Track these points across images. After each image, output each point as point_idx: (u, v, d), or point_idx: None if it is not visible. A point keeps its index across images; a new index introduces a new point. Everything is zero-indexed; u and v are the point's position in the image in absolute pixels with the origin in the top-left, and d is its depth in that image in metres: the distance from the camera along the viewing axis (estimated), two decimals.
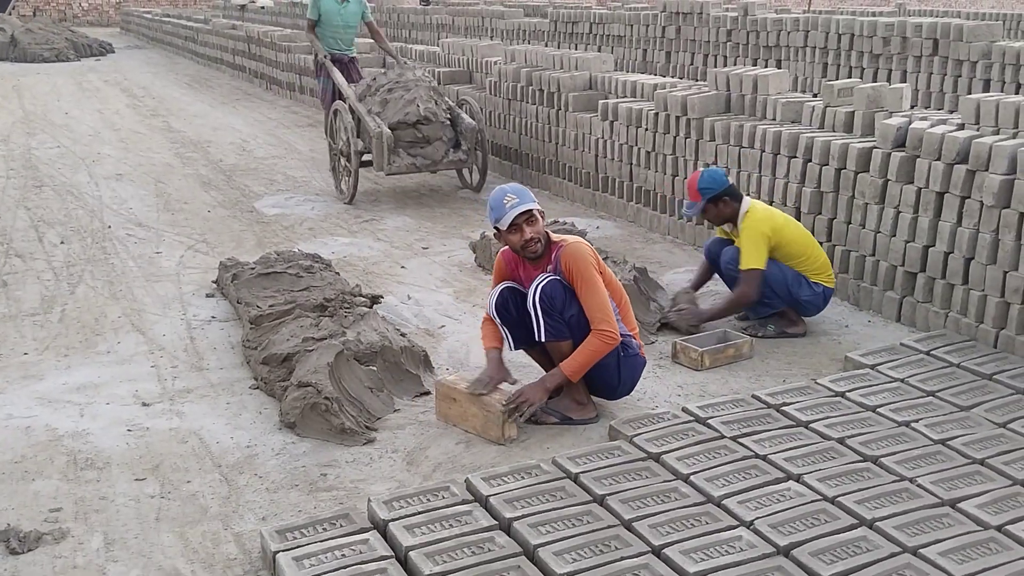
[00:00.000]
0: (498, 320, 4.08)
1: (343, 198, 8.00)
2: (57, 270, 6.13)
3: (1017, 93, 8.44)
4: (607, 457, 3.55)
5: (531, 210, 3.88)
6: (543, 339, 3.95)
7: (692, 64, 12.10)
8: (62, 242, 6.75)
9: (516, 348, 4.15)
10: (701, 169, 5.17)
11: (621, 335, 4.01)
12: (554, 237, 4.02)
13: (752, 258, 4.79)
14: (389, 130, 7.53)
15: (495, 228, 3.98)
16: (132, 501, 3.47)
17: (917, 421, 3.80)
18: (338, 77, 8.44)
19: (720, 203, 4.90)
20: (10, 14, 26.64)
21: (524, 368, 4.37)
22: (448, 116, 7.85)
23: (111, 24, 31.20)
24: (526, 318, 3.97)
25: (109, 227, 7.16)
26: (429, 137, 7.71)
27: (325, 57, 8.65)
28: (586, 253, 3.94)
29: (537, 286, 3.91)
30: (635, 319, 4.25)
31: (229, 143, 10.83)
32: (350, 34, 9.04)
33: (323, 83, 8.85)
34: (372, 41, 10.11)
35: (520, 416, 3.90)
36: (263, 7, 24.71)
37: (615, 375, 4.05)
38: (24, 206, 7.77)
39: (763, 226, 4.82)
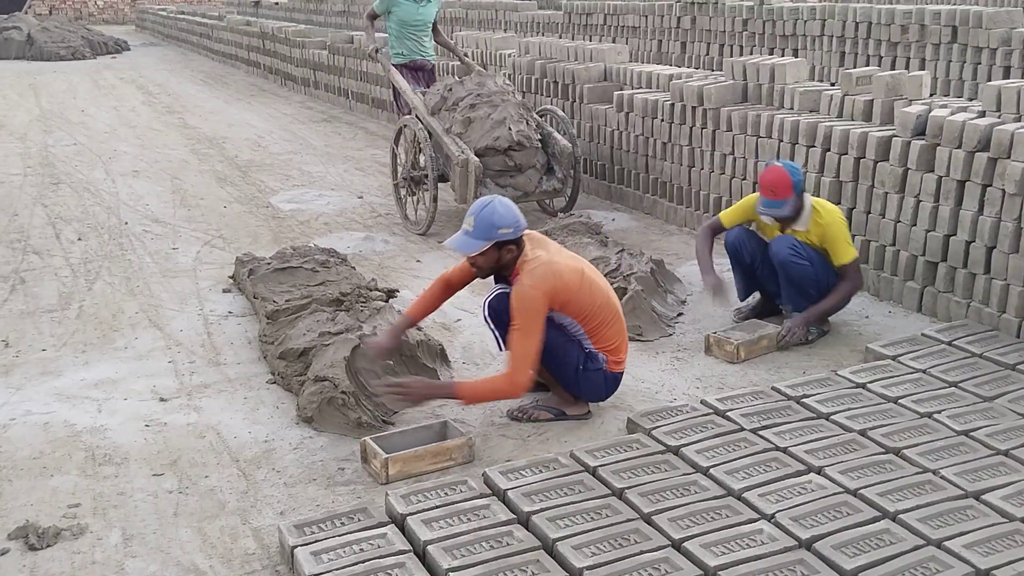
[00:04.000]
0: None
1: (415, 228, 6.85)
2: (74, 266, 6.15)
3: None
4: (626, 450, 3.53)
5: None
6: (503, 349, 3.93)
7: (708, 54, 12.02)
8: (79, 239, 6.78)
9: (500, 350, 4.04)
10: (776, 163, 4.72)
11: (588, 349, 3.93)
12: (523, 263, 3.79)
13: (849, 250, 4.68)
14: (477, 158, 6.46)
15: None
16: (150, 496, 3.47)
17: (940, 412, 3.75)
18: (402, 83, 7.37)
19: (803, 196, 4.70)
20: (26, 13, 26.81)
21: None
22: (539, 137, 6.77)
23: (126, 22, 31.35)
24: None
25: (126, 223, 7.18)
26: (521, 165, 6.59)
27: (375, 51, 7.64)
28: (532, 300, 3.68)
29: (486, 301, 3.91)
30: (624, 333, 4.04)
31: (244, 139, 10.84)
32: (425, 36, 7.83)
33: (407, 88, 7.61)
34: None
35: (391, 400, 3.87)
36: (277, 3, 24.80)
37: (573, 384, 3.98)
38: (41, 203, 7.80)
39: (842, 218, 4.73)
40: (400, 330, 4.16)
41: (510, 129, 6.54)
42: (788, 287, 4.78)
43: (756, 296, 5.10)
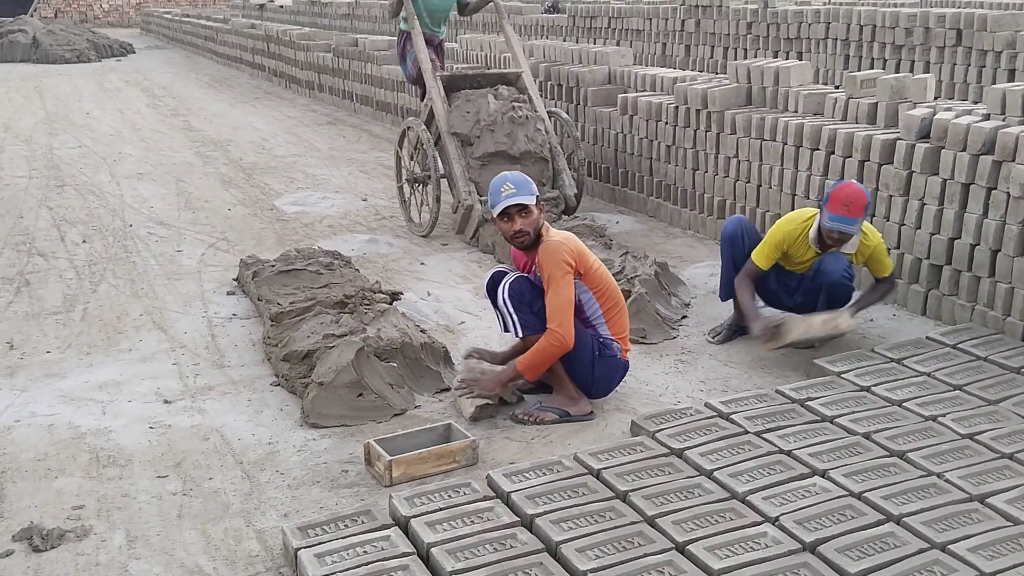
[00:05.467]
0: (489, 300, 4.14)
1: (418, 230, 6.87)
2: (79, 269, 6.16)
3: None
4: (629, 453, 3.52)
5: (524, 204, 3.90)
6: (520, 335, 3.99)
7: (712, 57, 12.02)
8: (84, 241, 6.79)
9: (505, 331, 4.12)
10: (850, 182, 4.52)
11: (602, 337, 4.02)
12: (546, 231, 3.99)
13: (890, 262, 4.74)
14: (481, 206, 6.37)
15: (491, 214, 4.02)
16: (154, 498, 3.47)
17: (944, 415, 3.75)
18: (422, 50, 7.03)
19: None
20: (32, 16, 26.89)
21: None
22: (555, 188, 6.74)
23: (131, 25, 31.43)
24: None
25: (130, 226, 7.19)
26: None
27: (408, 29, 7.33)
28: (560, 252, 3.87)
29: (506, 283, 3.94)
30: (627, 323, 4.16)
31: (249, 141, 10.86)
32: (444, 15, 7.90)
33: (411, 56, 7.48)
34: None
35: (473, 395, 3.99)
36: (282, 6, 24.84)
37: (588, 373, 4.02)
38: (46, 206, 7.82)
39: (882, 240, 4.73)
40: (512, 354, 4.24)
41: None
42: (825, 304, 4.65)
43: (731, 315, 4.96)
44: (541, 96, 8.43)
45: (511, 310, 3.93)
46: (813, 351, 4.67)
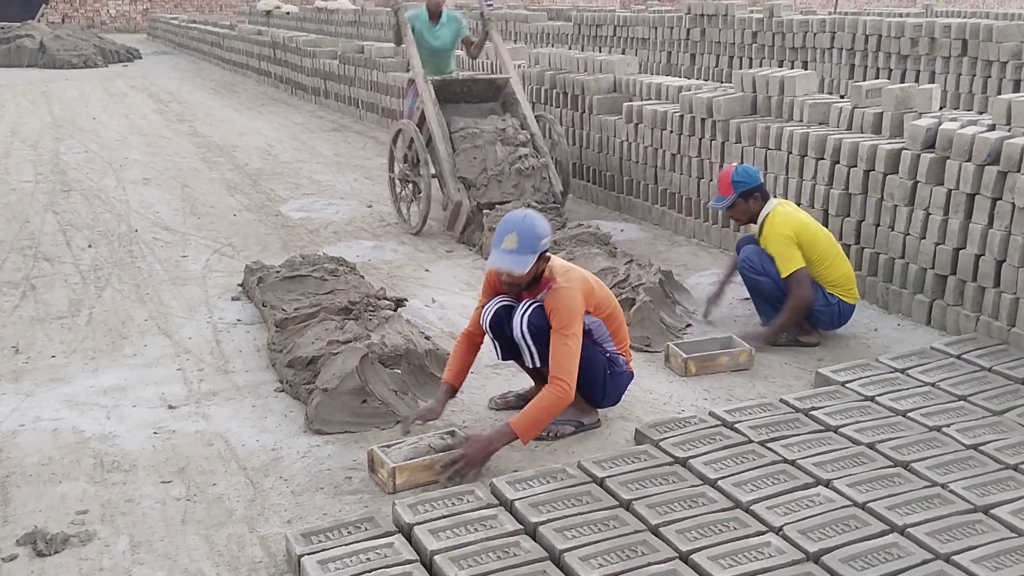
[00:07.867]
0: (490, 335, 3.98)
1: (410, 229, 7.17)
2: (84, 274, 6.18)
3: None
4: (633, 461, 3.52)
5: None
6: (536, 365, 3.90)
7: (717, 66, 12.04)
8: (89, 246, 6.80)
9: (504, 359, 4.06)
10: (735, 164, 5.08)
11: (609, 352, 3.97)
12: (551, 272, 3.83)
13: (789, 261, 4.74)
14: (470, 203, 6.71)
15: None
16: (158, 504, 3.47)
17: (948, 426, 3.74)
18: (417, 65, 7.32)
19: (750, 199, 4.92)
20: (39, 21, 26.99)
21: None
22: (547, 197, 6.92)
23: (138, 30, 31.53)
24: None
25: (136, 231, 7.21)
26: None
27: (396, 8, 7.59)
28: (574, 303, 3.73)
29: (523, 315, 3.83)
30: (627, 331, 4.11)
31: (255, 147, 10.88)
32: (445, 58, 8.08)
33: (410, 103, 7.77)
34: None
35: (457, 478, 3.54)
36: (288, 13, 24.92)
37: (600, 390, 3.99)
38: (52, 210, 7.84)
39: (785, 228, 4.78)
40: (446, 398, 3.98)
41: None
42: (753, 296, 5.02)
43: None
44: (544, 104, 8.46)
45: (530, 342, 3.83)
46: (818, 362, 4.68)
